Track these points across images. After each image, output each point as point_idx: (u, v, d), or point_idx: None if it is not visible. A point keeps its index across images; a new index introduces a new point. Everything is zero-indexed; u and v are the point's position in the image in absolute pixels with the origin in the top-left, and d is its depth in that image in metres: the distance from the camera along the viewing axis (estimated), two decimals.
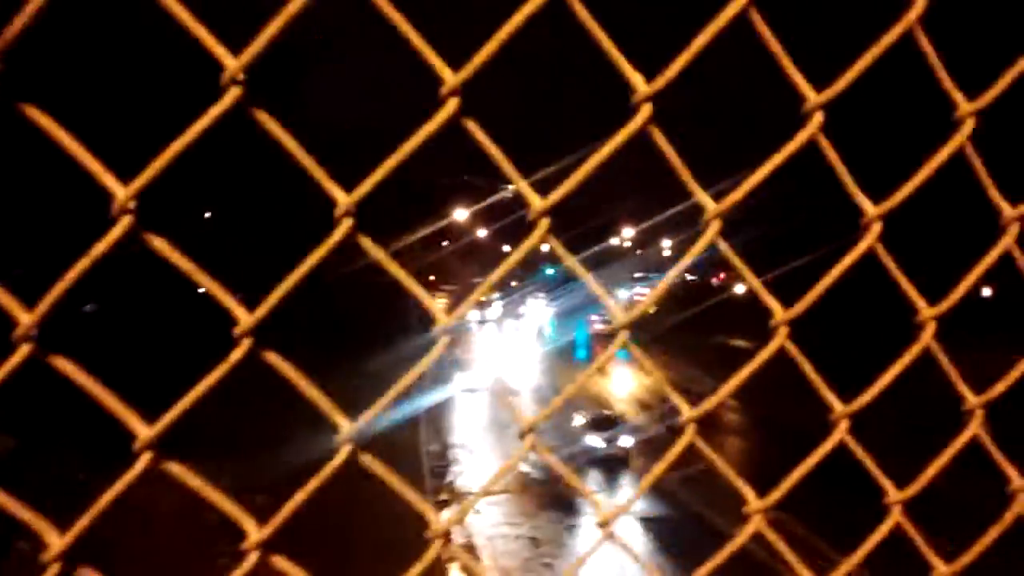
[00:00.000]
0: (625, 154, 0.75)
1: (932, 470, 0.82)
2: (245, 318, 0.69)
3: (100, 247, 0.63)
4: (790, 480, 0.80)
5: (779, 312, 0.81)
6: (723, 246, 0.79)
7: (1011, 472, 0.85)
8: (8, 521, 0.69)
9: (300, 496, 0.72)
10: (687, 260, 0.77)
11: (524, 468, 22.46)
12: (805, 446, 0.84)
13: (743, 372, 0.81)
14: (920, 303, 0.81)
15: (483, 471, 23.76)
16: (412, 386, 0.73)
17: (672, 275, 0.78)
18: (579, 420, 24.36)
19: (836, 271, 0.78)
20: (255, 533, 0.71)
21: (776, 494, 0.80)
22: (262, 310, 0.69)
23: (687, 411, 0.81)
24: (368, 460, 0.73)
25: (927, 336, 0.85)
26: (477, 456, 25.49)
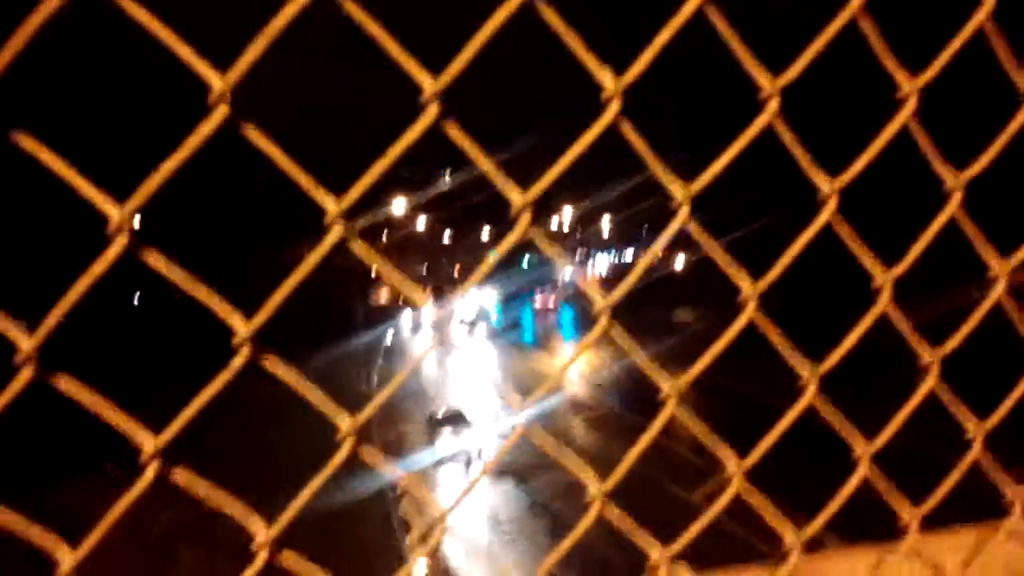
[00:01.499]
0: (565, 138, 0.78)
1: (896, 423, 0.87)
2: (241, 328, 0.70)
3: (98, 268, 0.64)
4: (766, 442, 0.85)
5: (748, 286, 0.86)
6: (693, 228, 0.83)
7: (968, 422, 0.91)
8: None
9: (307, 492, 0.73)
10: (661, 242, 0.81)
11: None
12: (751, 413, 0.88)
13: (717, 345, 0.85)
14: (877, 269, 0.87)
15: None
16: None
17: (648, 257, 0.82)
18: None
19: (798, 244, 0.83)
20: (263, 532, 0.72)
21: (755, 455, 0.85)
22: (260, 318, 0.70)
23: (667, 385, 0.85)
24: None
25: (885, 298, 0.91)
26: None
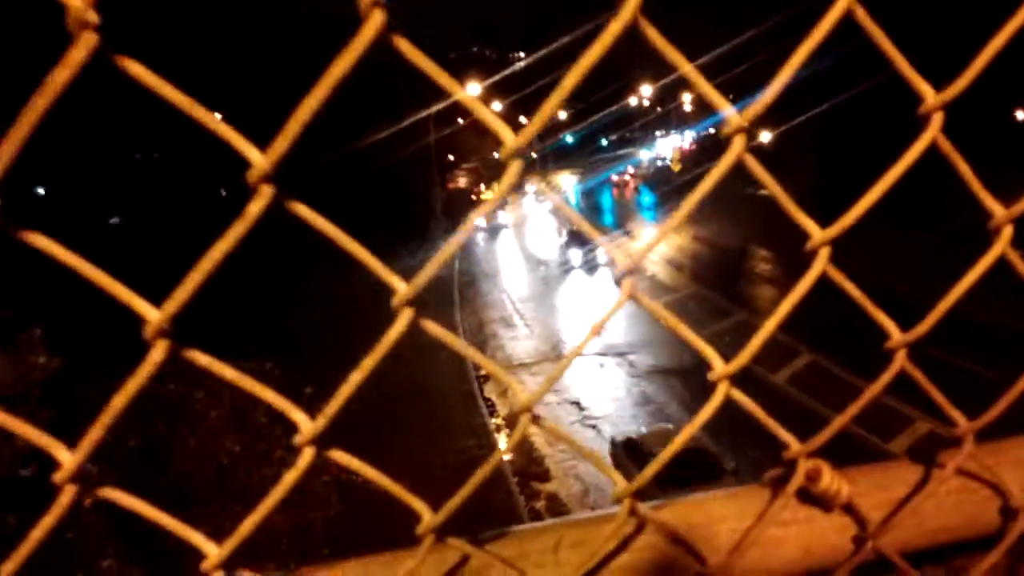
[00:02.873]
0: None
1: (938, 312, 0.70)
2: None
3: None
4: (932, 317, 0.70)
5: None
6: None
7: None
8: None
9: (356, 377, 0.62)
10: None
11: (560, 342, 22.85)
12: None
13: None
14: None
15: (518, 345, 24.16)
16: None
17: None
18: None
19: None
20: (308, 426, 0.62)
21: (919, 330, 0.72)
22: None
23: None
24: (430, 325, 0.64)
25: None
26: (514, 329, 25.86)
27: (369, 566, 0.72)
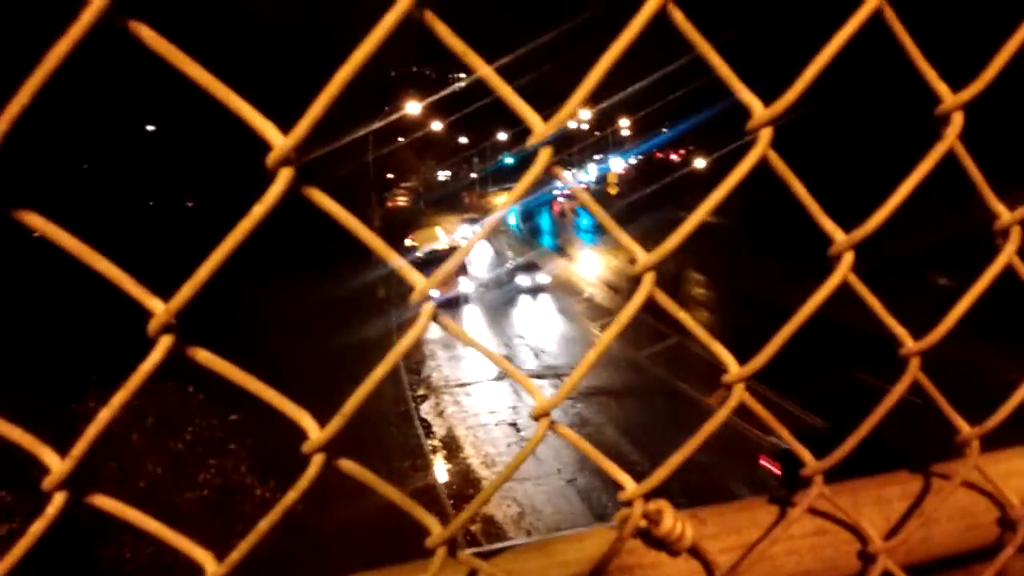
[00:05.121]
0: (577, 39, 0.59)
1: (951, 320, 0.70)
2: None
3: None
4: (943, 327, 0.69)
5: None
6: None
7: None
8: None
9: (363, 390, 0.58)
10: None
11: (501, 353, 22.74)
12: (773, 315, 0.70)
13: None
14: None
15: (456, 366, 24.05)
16: None
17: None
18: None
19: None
20: (317, 433, 0.58)
21: (931, 339, 0.71)
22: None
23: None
24: (449, 324, 0.62)
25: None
26: (452, 350, 25.70)
27: None
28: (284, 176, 0.52)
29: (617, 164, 63.19)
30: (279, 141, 0.51)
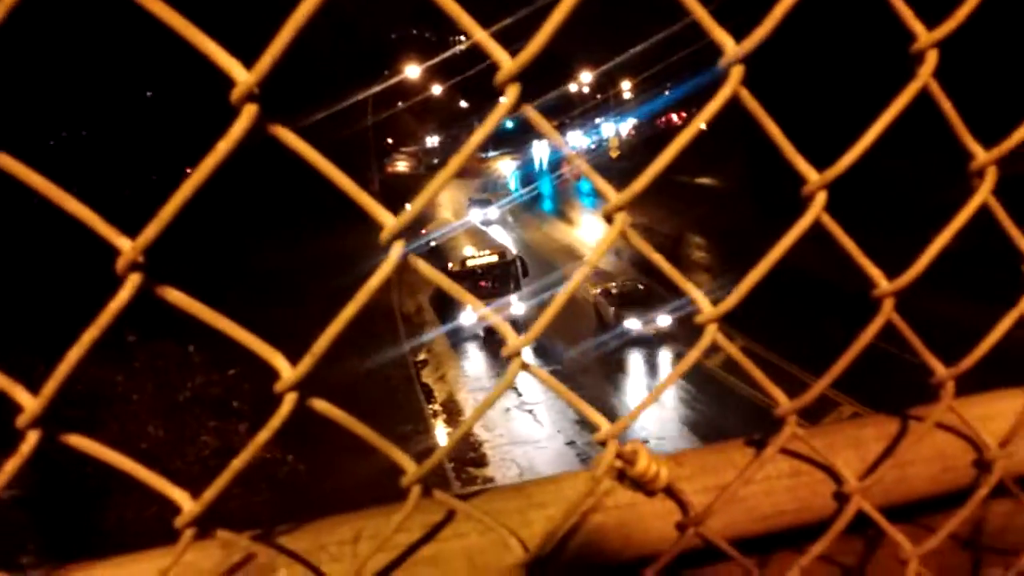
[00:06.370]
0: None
1: (925, 259, 0.70)
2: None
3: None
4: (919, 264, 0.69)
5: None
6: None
7: None
8: None
9: (333, 329, 0.59)
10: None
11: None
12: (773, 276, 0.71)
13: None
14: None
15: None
16: None
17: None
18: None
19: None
20: (289, 372, 0.59)
21: (905, 279, 0.72)
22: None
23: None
24: (420, 264, 0.63)
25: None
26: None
27: (355, 521, 0.69)
28: (248, 112, 0.51)
29: (613, 129, 62.75)
30: (242, 76, 0.51)
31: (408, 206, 0.61)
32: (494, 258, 24.38)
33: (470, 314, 21.74)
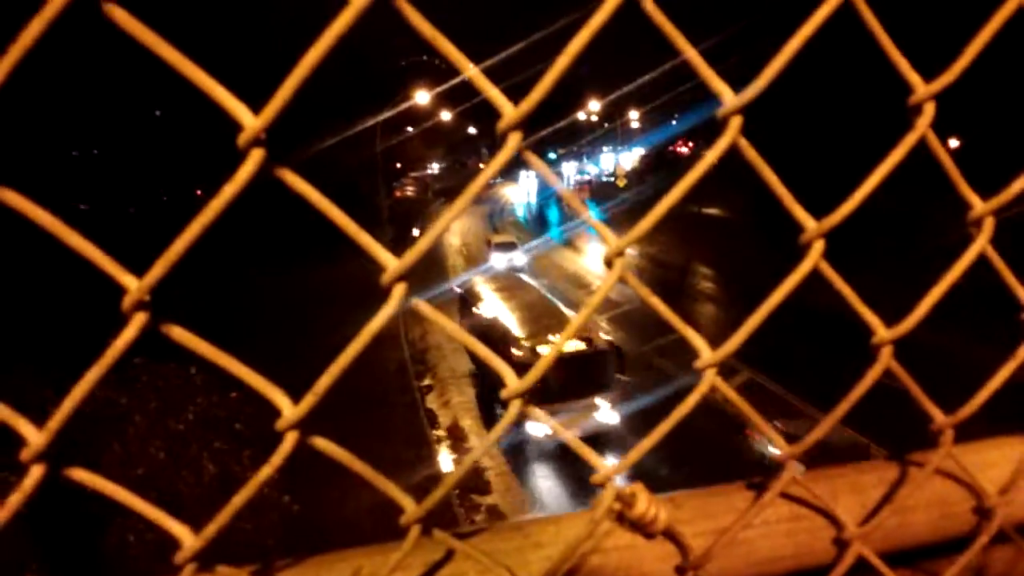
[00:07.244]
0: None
1: (923, 308, 0.70)
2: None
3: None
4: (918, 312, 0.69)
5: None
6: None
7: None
8: None
9: (336, 368, 0.59)
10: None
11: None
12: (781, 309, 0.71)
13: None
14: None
15: (462, 357, 24.06)
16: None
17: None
18: None
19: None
20: (291, 410, 0.59)
21: (905, 325, 0.72)
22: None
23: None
24: (422, 306, 0.63)
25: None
26: (456, 341, 25.72)
27: (355, 559, 0.69)
28: (255, 156, 0.53)
29: (625, 158, 63.09)
30: (250, 122, 0.52)
31: (415, 230, 0.61)
32: (581, 345, 16.72)
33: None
